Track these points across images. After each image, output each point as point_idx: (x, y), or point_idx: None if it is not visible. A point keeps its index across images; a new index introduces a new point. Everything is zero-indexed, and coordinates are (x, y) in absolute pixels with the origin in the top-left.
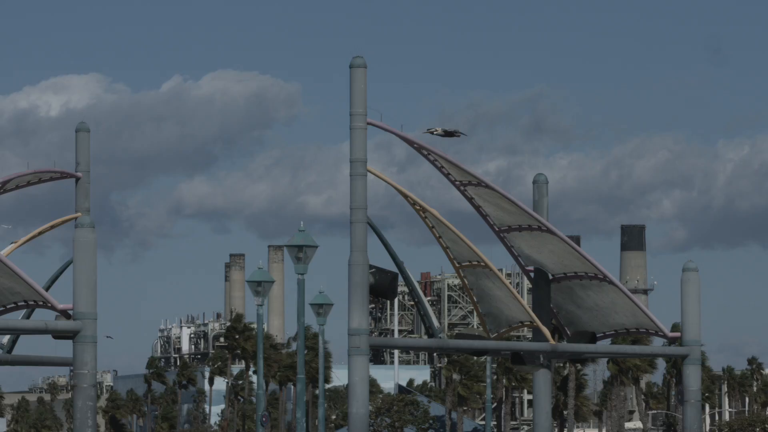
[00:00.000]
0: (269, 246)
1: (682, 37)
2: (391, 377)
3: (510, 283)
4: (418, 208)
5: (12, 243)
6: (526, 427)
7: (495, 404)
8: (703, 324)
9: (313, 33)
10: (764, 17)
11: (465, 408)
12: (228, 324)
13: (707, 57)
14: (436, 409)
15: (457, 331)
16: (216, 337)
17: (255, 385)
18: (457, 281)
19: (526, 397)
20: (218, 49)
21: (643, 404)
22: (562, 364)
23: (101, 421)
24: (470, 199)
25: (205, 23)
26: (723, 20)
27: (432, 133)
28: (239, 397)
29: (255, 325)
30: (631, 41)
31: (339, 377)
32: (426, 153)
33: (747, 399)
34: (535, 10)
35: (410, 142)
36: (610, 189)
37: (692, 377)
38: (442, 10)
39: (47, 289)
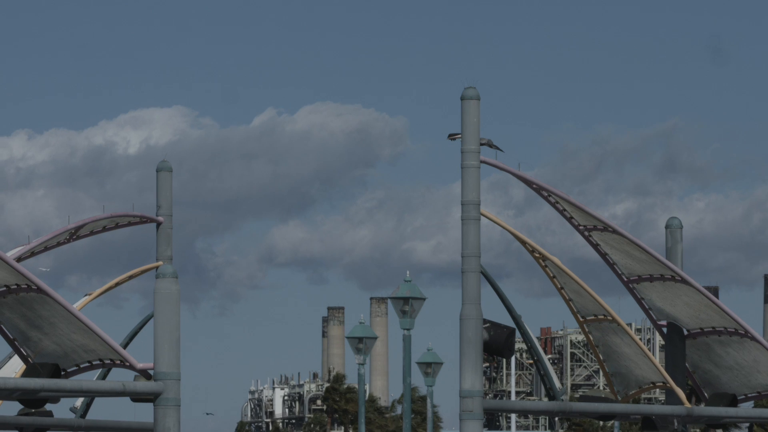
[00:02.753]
0: (371, 298)
1: None
2: None
3: (640, 339)
4: (537, 255)
5: (86, 295)
6: None
7: None
8: None
9: (422, 62)
10: None
11: None
12: (326, 385)
13: None
14: None
15: (581, 393)
16: (313, 400)
17: None
18: (581, 337)
19: None
20: (316, 79)
21: None
22: (699, 430)
23: None
24: (596, 246)
25: (301, 52)
26: None
27: (453, 138)
28: None
29: (356, 386)
30: None
31: None
32: (546, 194)
33: None
34: (668, 38)
35: (528, 183)
36: (752, 234)
37: None
38: (561, 38)
39: (125, 346)
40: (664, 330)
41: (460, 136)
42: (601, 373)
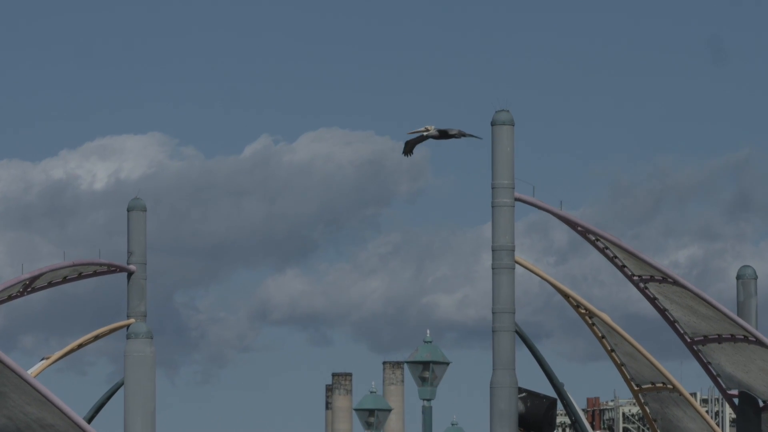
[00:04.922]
0: (384, 362)
1: None
2: None
3: (707, 411)
4: (583, 311)
5: (43, 359)
6: None
7: None
8: None
9: (445, 83)
10: None
11: None
12: None
13: None
14: None
15: None
16: None
17: None
18: (635, 409)
19: None
20: (320, 101)
21: None
22: None
23: None
24: (653, 300)
25: (303, 69)
26: None
27: (411, 147)
28: None
29: None
30: None
31: None
32: (594, 238)
33: None
34: (738, 57)
35: (572, 224)
36: None
37: None
38: (610, 54)
39: (90, 420)
40: (736, 401)
41: (427, 129)
42: None
